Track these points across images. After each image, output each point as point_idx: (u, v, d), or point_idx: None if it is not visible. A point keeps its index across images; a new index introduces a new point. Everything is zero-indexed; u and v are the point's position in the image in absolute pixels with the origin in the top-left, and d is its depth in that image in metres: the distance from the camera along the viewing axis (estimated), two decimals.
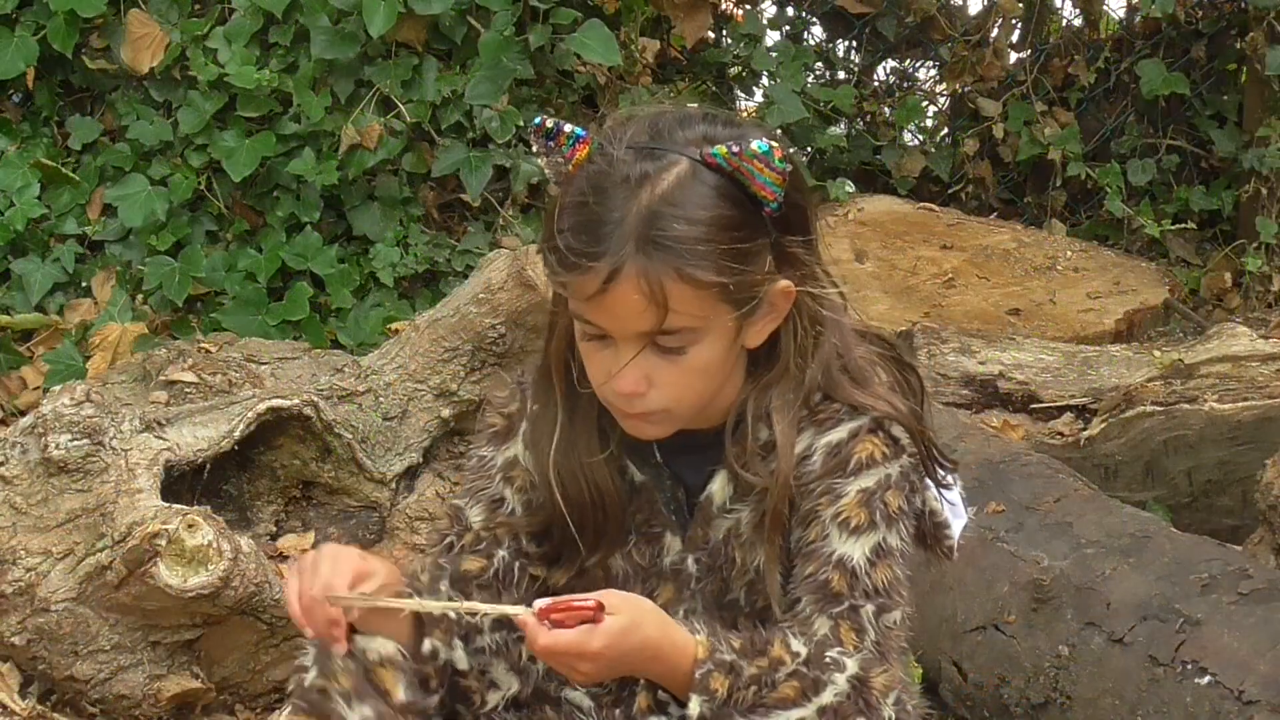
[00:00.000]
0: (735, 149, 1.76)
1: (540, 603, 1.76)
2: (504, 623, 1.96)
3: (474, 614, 1.87)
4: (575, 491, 1.92)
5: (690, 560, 1.94)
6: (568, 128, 1.81)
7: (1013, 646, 2.74)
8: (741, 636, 1.83)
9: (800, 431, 1.86)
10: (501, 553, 1.98)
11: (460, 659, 1.94)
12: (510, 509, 1.98)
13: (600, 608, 1.75)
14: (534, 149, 1.83)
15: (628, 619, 1.77)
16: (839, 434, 1.86)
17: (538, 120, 1.82)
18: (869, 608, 1.84)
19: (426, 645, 1.90)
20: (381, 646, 1.90)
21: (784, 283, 1.82)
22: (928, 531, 2.01)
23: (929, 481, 2.02)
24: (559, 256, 1.77)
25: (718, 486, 1.90)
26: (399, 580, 1.88)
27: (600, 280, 1.75)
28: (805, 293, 1.84)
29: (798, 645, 1.83)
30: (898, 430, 1.88)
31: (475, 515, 1.99)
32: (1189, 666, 2.49)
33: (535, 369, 1.97)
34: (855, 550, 1.84)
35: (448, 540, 2.00)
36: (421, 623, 1.90)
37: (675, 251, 1.74)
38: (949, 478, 2.02)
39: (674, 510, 1.94)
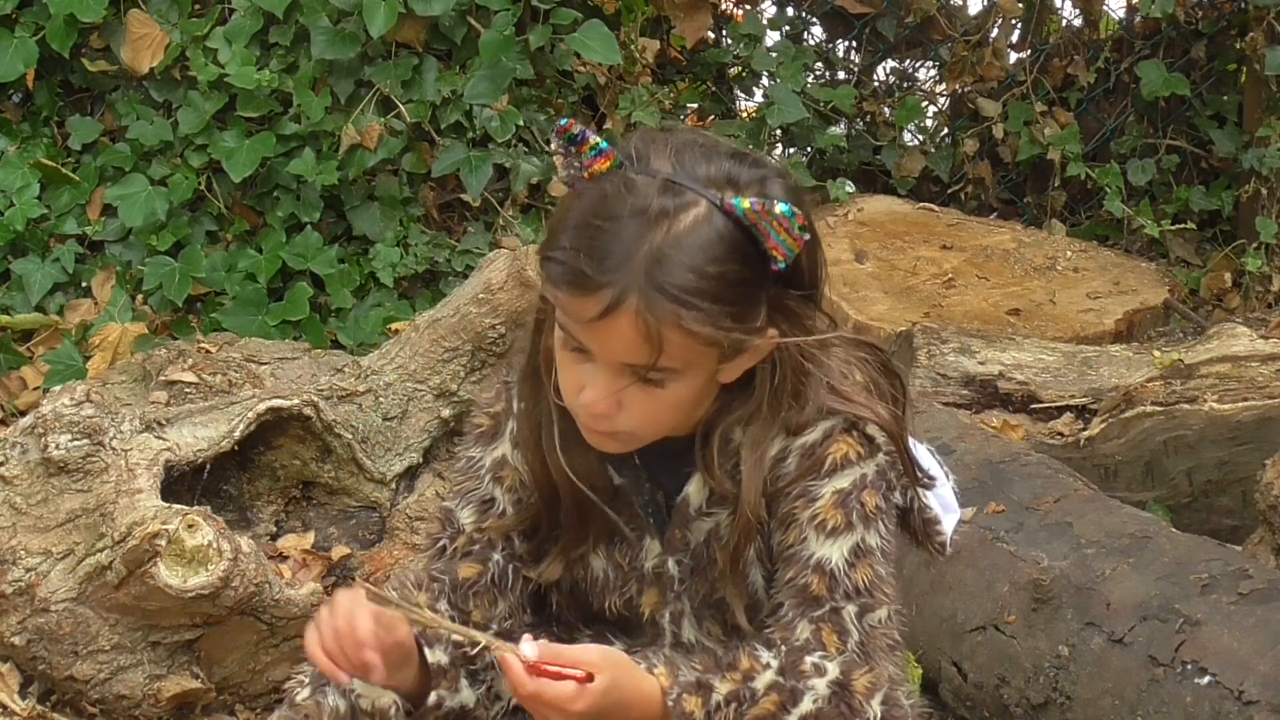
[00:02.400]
0: (758, 206, 1.74)
1: (528, 648, 1.75)
2: (503, 635, 1.97)
3: (475, 642, 1.86)
4: (572, 485, 1.92)
5: (671, 563, 1.94)
6: (593, 138, 1.78)
7: (1013, 646, 2.74)
8: (704, 658, 1.83)
9: (777, 433, 1.86)
10: (496, 556, 1.98)
11: (468, 698, 1.94)
12: (500, 509, 1.99)
13: (590, 679, 1.74)
14: (552, 147, 1.81)
15: (609, 679, 1.76)
16: (813, 435, 1.86)
17: (564, 121, 1.79)
18: (850, 609, 1.84)
19: (432, 698, 1.90)
20: (378, 698, 1.89)
21: (773, 332, 1.81)
22: (917, 528, 2.01)
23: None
24: (562, 271, 1.76)
25: (694, 489, 1.91)
26: (409, 636, 1.87)
27: (600, 308, 1.74)
28: (795, 347, 1.83)
29: (767, 656, 1.83)
30: (872, 429, 1.87)
31: (466, 517, 1.99)
32: (1189, 666, 2.49)
33: (521, 367, 1.96)
34: (833, 552, 1.84)
35: (440, 543, 2.01)
36: (428, 676, 1.90)
37: (678, 300, 1.73)
38: (937, 477, 2.02)
39: (652, 513, 1.95)
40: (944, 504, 2.05)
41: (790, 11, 5.44)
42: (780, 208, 1.74)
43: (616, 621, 2.00)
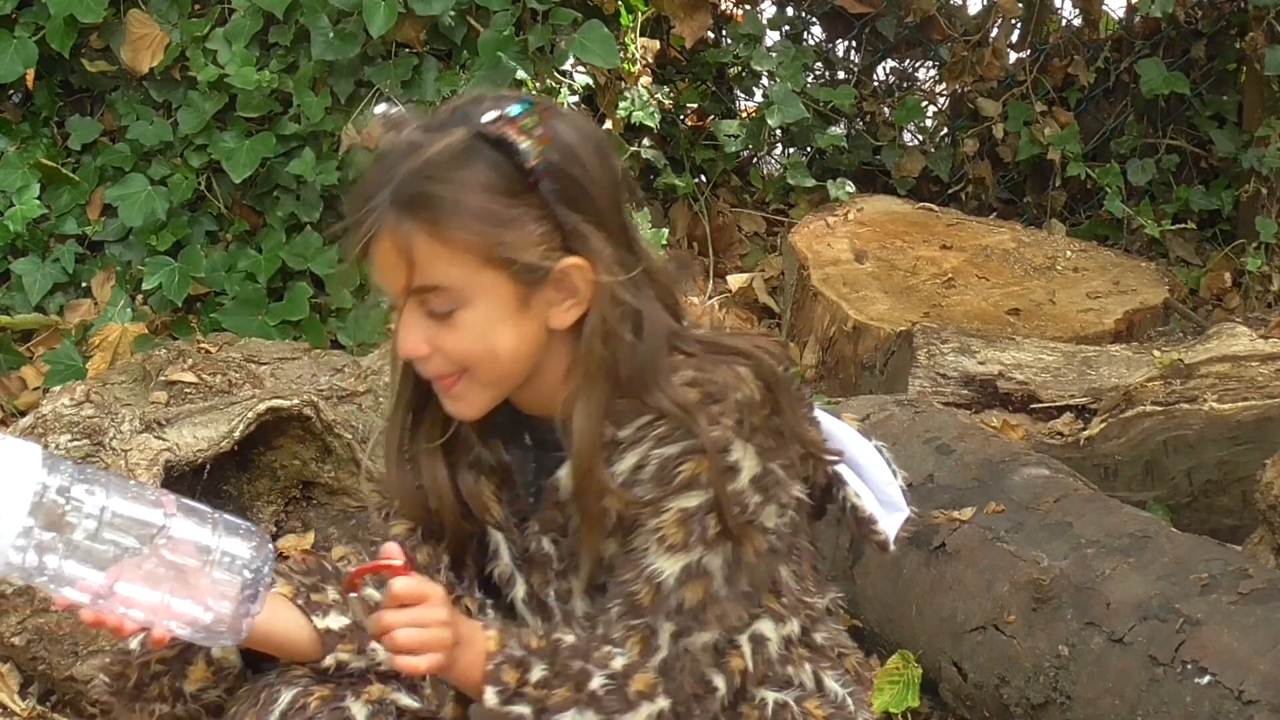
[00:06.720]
0: (498, 114, 1.81)
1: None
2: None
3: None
4: (406, 486, 1.97)
5: (545, 541, 1.95)
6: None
7: (1013, 646, 2.74)
8: (541, 638, 1.85)
9: (640, 443, 1.85)
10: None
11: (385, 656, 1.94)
12: None
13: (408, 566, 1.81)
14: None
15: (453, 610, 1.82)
16: (673, 449, 1.85)
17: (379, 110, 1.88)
18: (668, 626, 1.84)
19: (329, 660, 1.91)
20: (229, 653, 1.94)
21: (573, 260, 1.82)
22: (852, 528, 2.04)
23: (849, 478, 2.02)
24: (346, 227, 1.85)
25: (564, 475, 1.91)
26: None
27: (362, 240, 1.81)
28: (604, 283, 1.83)
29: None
30: (736, 453, 1.84)
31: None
32: (1189, 666, 2.49)
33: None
34: (668, 567, 1.84)
35: (384, 511, 2.04)
36: (324, 636, 1.92)
37: (429, 209, 1.79)
38: (887, 465, 2.03)
39: (534, 494, 1.96)
40: (888, 502, 2.05)
41: (790, 11, 5.43)
42: (513, 109, 1.81)
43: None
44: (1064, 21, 5.51)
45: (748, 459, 1.85)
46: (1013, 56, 5.40)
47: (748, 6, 5.29)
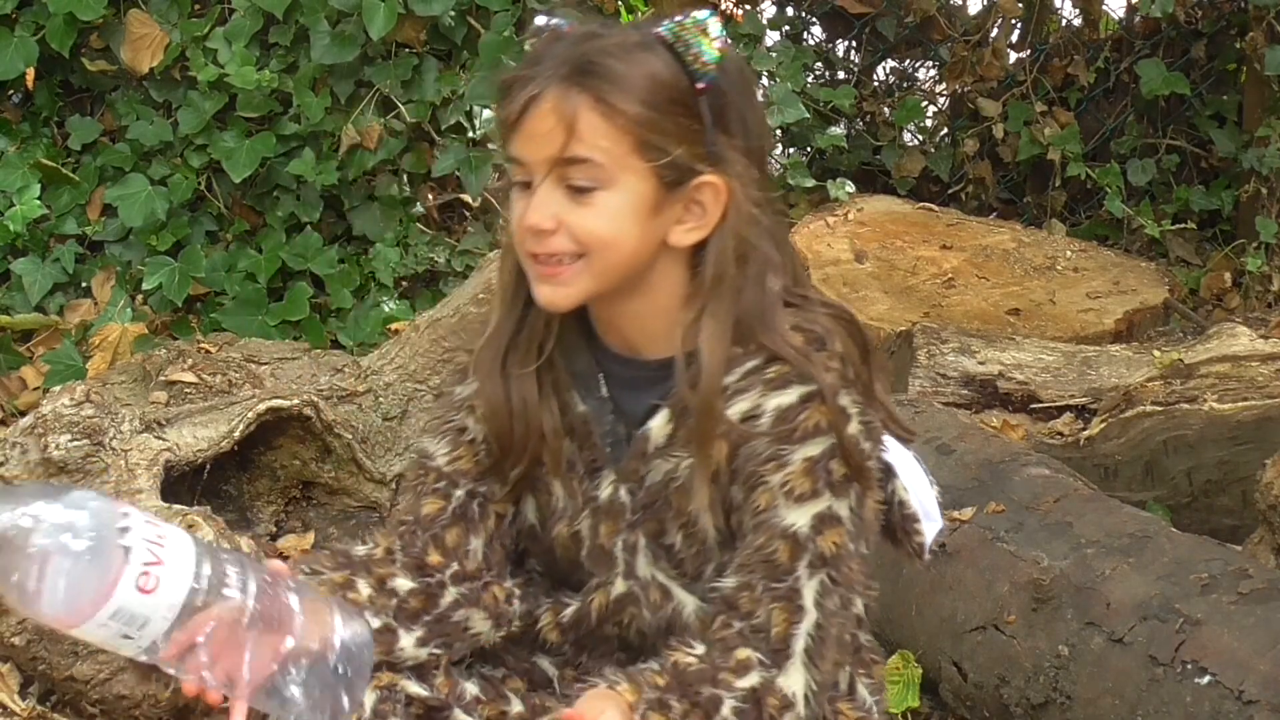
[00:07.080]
0: (680, 18, 1.83)
1: None
2: (468, 575, 1.96)
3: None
4: (500, 400, 1.93)
5: (623, 490, 1.93)
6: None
7: (1013, 646, 2.74)
8: (660, 672, 1.82)
9: (748, 390, 1.84)
10: (459, 493, 1.97)
11: (416, 654, 1.92)
12: (472, 437, 1.98)
13: None
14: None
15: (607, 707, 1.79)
16: (789, 398, 1.84)
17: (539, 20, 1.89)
18: (812, 585, 1.82)
19: None
20: None
21: (713, 178, 1.83)
22: (896, 524, 2.02)
23: (899, 473, 2.01)
24: (500, 96, 1.85)
25: (657, 424, 1.89)
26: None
27: (522, 104, 1.81)
28: (742, 206, 1.83)
29: (699, 650, 1.83)
30: (845, 399, 1.85)
31: (440, 448, 1.99)
32: (1189, 666, 2.49)
33: (497, 289, 1.99)
34: (801, 518, 1.83)
35: (418, 488, 2.01)
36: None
37: (602, 80, 1.80)
38: (924, 474, 2.02)
39: (611, 444, 1.94)
40: (925, 511, 2.05)
41: (790, 11, 5.44)
42: (699, 13, 1.82)
43: (572, 571, 1.99)
44: (1064, 21, 5.52)
45: (853, 406, 1.85)
46: (1013, 56, 5.41)
47: (748, 6, 5.29)
